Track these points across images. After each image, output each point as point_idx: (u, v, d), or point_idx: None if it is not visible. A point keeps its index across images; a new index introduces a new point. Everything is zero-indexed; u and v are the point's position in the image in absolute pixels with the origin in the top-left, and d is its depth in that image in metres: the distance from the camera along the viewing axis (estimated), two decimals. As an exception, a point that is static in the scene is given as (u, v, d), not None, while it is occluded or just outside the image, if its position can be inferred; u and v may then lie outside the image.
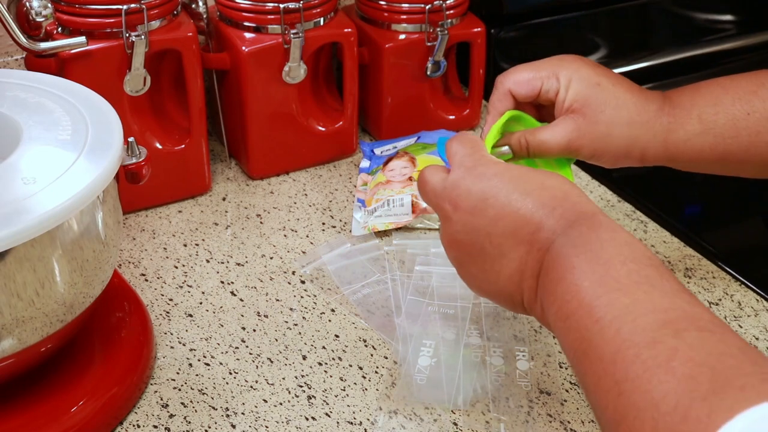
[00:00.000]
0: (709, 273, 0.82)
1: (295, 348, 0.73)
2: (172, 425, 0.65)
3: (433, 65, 0.98)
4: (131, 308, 0.73)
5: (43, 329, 0.59)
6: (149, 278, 0.80)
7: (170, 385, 0.69)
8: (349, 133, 0.98)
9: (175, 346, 0.73)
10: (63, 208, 0.55)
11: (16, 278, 0.55)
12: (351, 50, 0.93)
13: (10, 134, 0.62)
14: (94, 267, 0.61)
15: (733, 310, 0.78)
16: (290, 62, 0.90)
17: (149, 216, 0.89)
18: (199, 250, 0.84)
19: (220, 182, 0.95)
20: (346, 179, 0.96)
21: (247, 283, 0.80)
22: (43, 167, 0.58)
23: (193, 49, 0.85)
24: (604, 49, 1.19)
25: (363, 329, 0.75)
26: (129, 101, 0.85)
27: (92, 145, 0.60)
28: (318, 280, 0.80)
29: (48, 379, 0.65)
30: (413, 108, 1.02)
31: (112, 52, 0.81)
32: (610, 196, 0.93)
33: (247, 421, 0.66)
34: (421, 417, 0.66)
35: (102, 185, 0.58)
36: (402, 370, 0.69)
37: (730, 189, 1.00)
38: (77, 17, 0.81)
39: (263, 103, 0.91)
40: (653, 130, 0.69)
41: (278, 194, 0.93)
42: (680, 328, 0.43)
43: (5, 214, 0.53)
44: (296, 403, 0.67)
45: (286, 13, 0.88)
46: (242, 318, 0.76)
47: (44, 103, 0.65)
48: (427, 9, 0.95)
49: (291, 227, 0.88)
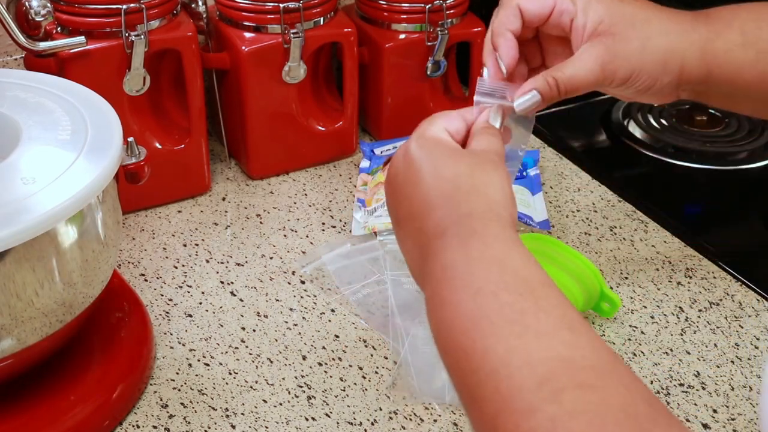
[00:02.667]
0: (709, 273, 0.82)
1: (295, 348, 0.73)
2: (172, 425, 0.65)
3: (433, 65, 0.98)
4: (131, 308, 0.73)
5: (42, 329, 0.59)
6: (149, 278, 0.80)
7: (170, 386, 0.69)
8: (349, 133, 0.98)
9: (175, 346, 0.73)
10: (63, 208, 0.55)
11: (15, 278, 0.55)
12: (351, 50, 0.93)
13: (10, 134, 0.62)
14: (94, 267, 0.61)
15: (734, 311, 0.77)
16: (290, 62, 0.89)
17: (149, 216, 0.89)
18: (199, 250, 0.84)
19: (220, 182, 0.95)
20: (346, 179, 0.96)
21: (246, 283, 0.80)
22: (42, 167, 0.58)
23: (193, 49, 0.85)
24: (605, 49, 1.18)
25: (363, 329, 0.75)
26: (129, 101, 0.85)
27: (92, 145, 0.60)
28: (318, 280, 0.80)
29: (48, 379, 0.64)
30: (413, 108, 1.01)
31: (112, 52, 0.81)
32: (610, 196, 0.93)
33: (247, 421, 0.66)
34: (421, 417, 0.66)
35: (101, 185, 0.58)
36: (402, 370, 0.69)
37: (730, 189, 1.00)
38: (77, 17, 0.80)
39: (263, 103, 0.91)
40: (690, 38, 0.62)
41: (278, 194, 0.93)
42: (558, 388, 0.40)
43: (5, 214, 0.53)
44: (296, 404, 0.67)
45: (286, 12, 0.88)
46: (242, 318, 0.76)
47: (44, 103, 0.65)
48: (427, 9, 0.95)
49: (291, 227, 0.88)
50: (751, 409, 0.68)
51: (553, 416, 0.39)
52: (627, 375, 0.42)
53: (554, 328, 0.43)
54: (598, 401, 0.39)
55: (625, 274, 0.82)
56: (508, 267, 0.46)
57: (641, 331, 0.75)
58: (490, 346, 0.43)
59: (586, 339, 0.43)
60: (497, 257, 0.47)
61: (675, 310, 0.77)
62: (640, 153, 1.04)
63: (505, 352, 0.42)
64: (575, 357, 0.42)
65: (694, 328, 0.76)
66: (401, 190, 0.53)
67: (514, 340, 0.43)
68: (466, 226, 0.49)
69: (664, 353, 0.73)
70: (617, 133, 1.07)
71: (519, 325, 0.43)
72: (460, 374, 0.44)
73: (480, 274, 0.46)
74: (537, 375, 0.41)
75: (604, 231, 0.88)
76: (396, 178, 0.54)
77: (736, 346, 0.74)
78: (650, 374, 0.71)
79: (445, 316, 0.46)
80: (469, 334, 0.44)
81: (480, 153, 0.54)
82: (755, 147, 1.04)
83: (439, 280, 0.48)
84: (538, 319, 0.43)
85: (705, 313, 0.77)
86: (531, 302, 0.44)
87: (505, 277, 0.46)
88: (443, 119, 0.56)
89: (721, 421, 0.66)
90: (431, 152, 0.53)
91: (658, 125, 1.08)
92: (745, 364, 0.72)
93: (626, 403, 0.39)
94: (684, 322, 0.76)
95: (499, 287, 0.45)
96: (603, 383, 0.40)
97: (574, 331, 0.43)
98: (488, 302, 0.45)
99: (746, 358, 0.73)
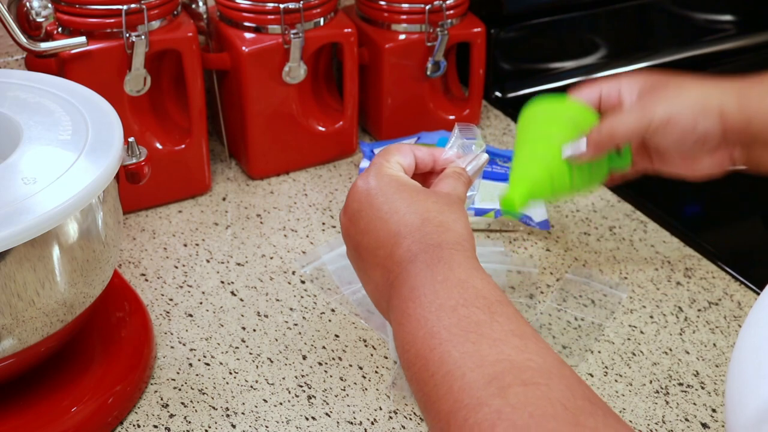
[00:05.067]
0: (709, 273, 0.82)
1: (295, 348, 0.73)
2: (173, 425, 0.65)
3: (433, 65, 0.98)
4: (131, 308, 0.73)
5: (43, 329, 0.59)
6: (149, 278, 0.80)
7: (170, 385, 0.69)
8: (349, 133, 0.98)
9: (175, 346, 0.73)
10: (63, 208, 0.55)
11: (16, 278, 0.55)
12: (351, 50, 0.93)
13: (11, 134, 0.62)
14: (95, 267, 0.61)
15: (733, 310, 0.78)
16: (290, 62, 0.90)
17: (149, 216, 0.89)
18: (199, 250, 0.84)
19: (220, 182, 0.95)
20: (346, 179, 0.96)
21: (247, 283, 0.80)
22: (43, 167, 0.58)
23: (193, 49, 0.85)
24: (604, 49, 1.19)
25: (363, 329, 0.75)
26: (129, 101, 0.85)
27: (92, 145, 0.60)
28: (318, 280, 0.80)
29: (48, 379, 0.65)
30: (413, 108, 1.02)
31: (113, 53, 0.81)
32: (610, 196, 0.94)
33: (247, 421, 0.66)
34: (421, 417, 0.66)
35: (102, 185, 0.58)
36: (402, 369, 0.69)
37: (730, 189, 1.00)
38: (77, 17, 0.81)
39: (263, 103, 0.91)
40: (723, 89, 0.68)
41: (278, 194, 0.93)
42: (505, 385, 0.44)
43: (5, 214, 0.53)
44: (296, 403, 0.67)
45: (286, 13, 0.88)
46: (242, 318, 0.76)
47: (44, 104, 0.65)
48: (427, 9, 0.95)
49: (291, 227, 0.88)
50: (750, 408, 0.68)
51: (498, 409, 0.43)
52: (571, 376, 0.45)
53: (506, 335, 0.47)
54: (540, 396, 0.43)
55: (624, 274, 0.82)
56: (469, 286, 0.51)
57: (640, 330, 0.75)
58: (447, 351, 0.47)
59: (535, 346, 0.47)
60: (460, 279, 0.52)
61: (674, 310, 0.78)
62: (639, 153, 1.04)
63: (460, 356, 0.47)
64: (523, 360, 0.46)
65: (693, 328, 0.76)
66: (365, 223, 0.58)
67: (469, 346, 0.47)
68: (434, 254, 0.54)
69: (664, 353, 0.73)
70: (617, 134, 1.07)
71: (474, 333, 0.48)
72: (421, 382, 0.48)
73: (443, 293, 0.51)
74: (487, 375, 0.45)
75: (604, 231, 0.88)
76: (359, 212, 0.59)
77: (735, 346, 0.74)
78: (649, 374, 0.71)
79: (408, 329, 0.50)
80: (429, 343, 0.48)
81: (445, 195, 0.59)
82: (755, 147, 1.04)
83: (406, 299, 0.52)
84: (492, 329, 0.48)
85: (704, 313, 0.77)
86: (487, 315, 0.49)
87: (465, 294, 0.50)
88: (397, 155, 0.62)
89: (720, 421, 0.67)
90: (397, 189, 0.58)
91: (658, 125, 1.08)
92: (744, 363, 0.72)
93: (566, 398, 0.43)
94: (683, 321, 0.76)
95: (458, 303, 0.50)
96: (546, 381, 0.44)
97: (525, 338, 0.47)
98: (447, 315, 0.49)
99: (745, 357, 0.73)
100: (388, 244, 0.56)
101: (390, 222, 0.57)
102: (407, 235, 0.55)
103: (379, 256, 0.57)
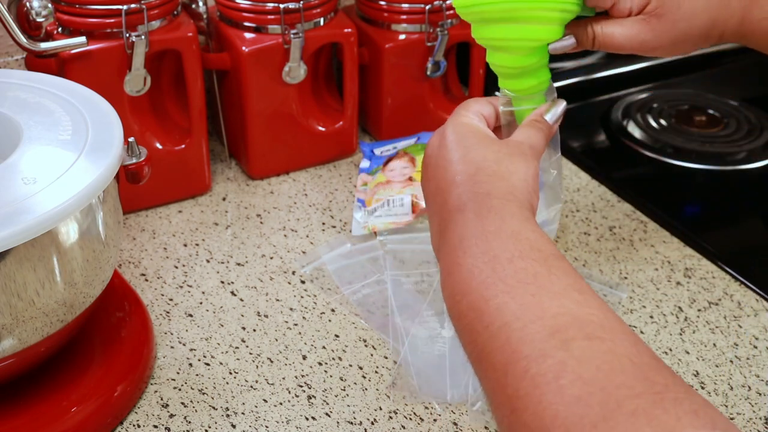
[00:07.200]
0: (709, 273, 0.82)
1: (295, 348, 0.73)
2: (173, 425, 0.65)
3: (433, 65, 0.98)
4: (131, 308, 0.73)
5: (43, 329, 0.59)
6: (149, 278, 0.80)
7: (170, 385, 0.69)
8: (349, 133, 0.98)
9: (175, 345, 0.73)
10: (63, 208, 0.55)
11: (16, 278, 0.55)
12: (351, 50, 0.93)
13: (11, 134, 0.62)
14: (95, 267, 0.61)
15: (733, 310, 0.78)
16: (290, 62, 0.90)
17: (149, 216, 0.89)
18: (199, 250, 0.84)
19: (220, 182, 0.95)
20: (346, 179, 0.96)
21: (247, 283, 0.80)
22: (43, 167, 0.58)
23: (193, 49, 0.85)
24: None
25: (363, 329, 0.75)
26: (129, 101, 0.85)
27: (92, 145, 0.60)
28: (318, 280, 0.80)
29: (48, 379, 0.65)
30: (413, 108, 1.02)
31: (113, 53, 0.81)
32: (610, 196, 0.94)
33: (247, 421, 0.66)
34: (421, 417, 0.66)
35: (102, 185, 0.58)
36: (402, 369, 0.69)
37: (729, 189, 1.00)
38: (77, 17, 0.81)
39: (263, 103, 0.91)
40: (731, 9, 0.65)
41: (278, 194, 0.93)
42: (568, 338, 0.42)
43: (5, 214, 0.53)
44: (296, 403, 0.67)
45: (286, 13, 0.88)
46: (242, 318, 0.76)
47: (44, 104, 0.65)
48: (427, 9, 0.95)
49: (291, 227, 0.88)
50: (750, 408, 0.68)
51: (562, 360, 0.41)
52: (633, 334, 0.44)
53: (565, 289, 0.46)
54: (606, 350, 0.42)
55: (624, 274, 0.82)
56: (523, 238, 0.49)
57: (640, 330, 0.75)
58: (504, 302, 0.46)
59: (595, 301, 0.45)
60: (513, 231, 0.50)
61: (674, 310, 0.78)
62: (639, 153, 1.04)
63: (519, 307, 0.45)
64: (585, 314, 0.44)
65: (693, 328, 0.76)
66: (432, 169, 0.57)
67: (528, 298, 0.45)
68: (484, 203, 0.52)
69: (663, 353, 0.73)
70: (617, 134, 1.08)
71: (533, 286, 0.46)
72: (474, 333, 0.47)
73: (495, 244, 0.49)
74: (548, 327, 0.43)
75: (604, 231, 0.88)
76: (429, 159, 0.59)
77: (735, 346, 0.74)
78: (649, 374, 0.71)
79: (459, 278, 0.49)
80: (483, 294, 0.47)
81: (513, 144, 0.57)
82: (754, 147, 1.04)
83: (455, 248, 0.51)
84: (550, 282, 0.46)
85: (704, 313, 0.77)
86: (544, 268, 0.47)
87: (519, 246, 0.48)
88: (477, 104, 0.61)
89: (720, 421, 0.66)
90: (464, 137, 0.57)
91: (658, 125, 1.08)
92: (744, 363, 0.72)
93: (632, 354, 0.42)
94: (683, 321, 0.76)
95: (513, 255, 0.48)
96: (611, 337, 0.43)
97: (584, 293, 0.46)
98: (503, 267, 0.47)
99: (745, 357, 0.73)
100: (443, 191, 0.55)
101: (448, 170, 0.55)
102: (460, 184, 0.54)
103: (437, 203, 0.56)
